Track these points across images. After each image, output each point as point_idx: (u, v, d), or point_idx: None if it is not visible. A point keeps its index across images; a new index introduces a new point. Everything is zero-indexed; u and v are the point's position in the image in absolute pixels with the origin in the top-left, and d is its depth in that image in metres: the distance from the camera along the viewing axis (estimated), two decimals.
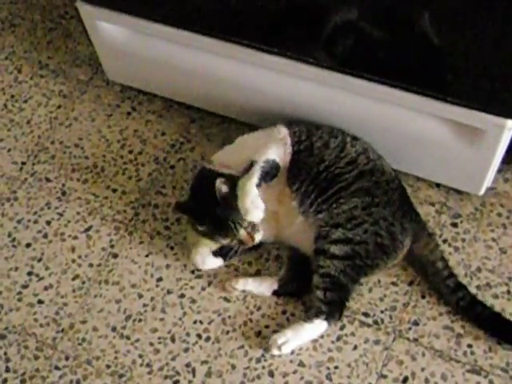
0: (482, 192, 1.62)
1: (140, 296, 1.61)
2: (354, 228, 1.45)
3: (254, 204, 1.43)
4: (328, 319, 1.46)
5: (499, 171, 1.63)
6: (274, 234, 1.56)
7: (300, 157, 1.52)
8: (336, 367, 1.49)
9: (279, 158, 1.50)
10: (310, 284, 1.49)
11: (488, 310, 1.48)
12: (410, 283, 1.55)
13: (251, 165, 1.47)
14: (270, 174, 1.48)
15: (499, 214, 1.63)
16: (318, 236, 1.48)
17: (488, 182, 1.60)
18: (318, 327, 1.47)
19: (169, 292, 1.60)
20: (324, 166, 1.51)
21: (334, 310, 1.46)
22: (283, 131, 1.55)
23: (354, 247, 1.45)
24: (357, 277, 1.48)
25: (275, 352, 1.48)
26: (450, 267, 1.51)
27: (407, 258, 1.55)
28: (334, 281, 1.45)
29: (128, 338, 1.56)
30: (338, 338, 1.51)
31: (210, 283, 1.60)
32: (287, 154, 1.52)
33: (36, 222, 1.74)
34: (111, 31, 1.73)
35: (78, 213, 1.74)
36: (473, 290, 1.52)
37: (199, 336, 1.55)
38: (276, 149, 1.51)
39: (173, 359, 1.53)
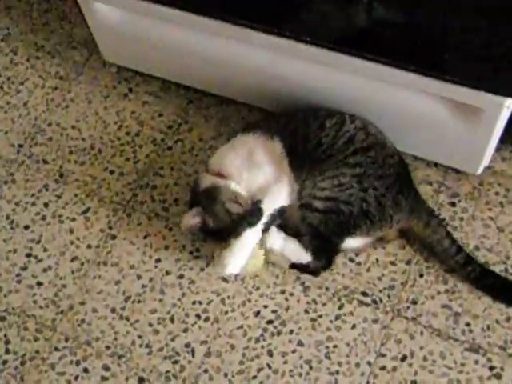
0: (479, 171, 1.62)
1: (139, 277, 1.61)
2: (340, 191, 1.46)
3: (232, 259, 1.47)
4: (313, 257, 1.48)
5: (497, 150, 1.62)
6: None
7: (298, 149, 1.52)
8: (335, 346, 1.49)
9: (285, 193, 1.50)
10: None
11: (500, 278, 1.49)
12: (408, 262, 1.56)
13: (256, 204, 1.48)
14: (275, 221, 1.50)
15: (497, 193, 1.63)
16: (304, 195, 1.49)
17: (486, 160, 1.60)
18: (304, 256, 1.49)
19: (167, 273, 1.61)
20: (321, 151, 1.51)
21: (320, 254, 1.49)
22: (278, 148, 1.53)
23: (338, 205, 1.46)
24: (339, 231, 1.49)
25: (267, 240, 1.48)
26: (456, 242, 1.51)
27: (408, 236, 1.56)
28: (315, 230, 1.47)
29: (127, 318, 1.57)
30: (337, 318, 1.52)
31: (208, 264, 1.60)
32: (286, 168, 1.51)
33: (34, 204, 1.74)
34: (107, 12, 1.72)
35: (76, 195, 1.74)
36: None
37: (198, 316, 1.55)
38: (281, 187, 1.50)
39: (172, 340, 1.53)
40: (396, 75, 1.45)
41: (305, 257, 1.49)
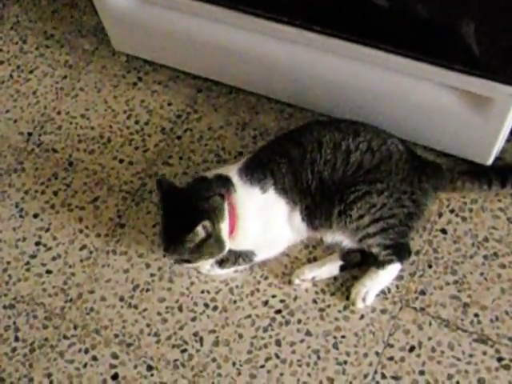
0: (490, 162, 1.61)
1: (147, 266, 1.62)
2: (379, 210, 1.47)
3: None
4: (400, 260, 1.49)
5: (507, 141, 1.62)
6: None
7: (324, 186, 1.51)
8: (343, 336, 1.49)
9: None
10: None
11: None
12: (417, 253, 1.55)
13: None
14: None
15: None
16: (354, 233, 1.49)
17: (496, 151, 1.59)
18: (392, 270, 1.50)
19: None
20: (338, 183, 1.50)
21: (402, 253, 1.49)
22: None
23: (387, 221, 1.47)
24: (403, 233, 1.50)
25: (360, 305, 1.50)
26: (483, 175, 1.58)
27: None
28: (386, 243, 1.48)
29: (136, 307, 1.57)
30: (345, 308, 1.52)
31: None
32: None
33: (43, 192, 1.75)
34: (117, 0, 1.72)
35: (85, 183, 1.75)
36: (480, 260, 1.53)
37: (206, 305, 1.56)
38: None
39: (180, 328, 1.54)
40: (407, 65, 1.44)
41: (395, 269, 1.50)
